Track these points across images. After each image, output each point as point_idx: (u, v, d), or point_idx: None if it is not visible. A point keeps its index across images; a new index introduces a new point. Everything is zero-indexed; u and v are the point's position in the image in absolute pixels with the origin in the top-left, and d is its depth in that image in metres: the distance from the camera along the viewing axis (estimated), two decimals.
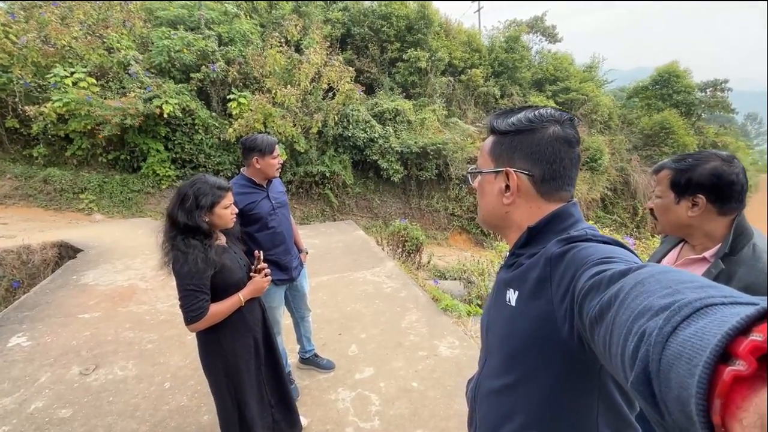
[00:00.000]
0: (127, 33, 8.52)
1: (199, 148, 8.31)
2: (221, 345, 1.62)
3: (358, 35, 11.99)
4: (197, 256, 1.47)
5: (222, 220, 1.60)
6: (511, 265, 0.79)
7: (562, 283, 0.62)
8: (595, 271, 0.55)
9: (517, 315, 0.71)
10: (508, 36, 15.21)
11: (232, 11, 9.47)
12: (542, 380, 0.68)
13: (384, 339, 2.91)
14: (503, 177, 0.77)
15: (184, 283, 1.47)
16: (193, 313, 1.48)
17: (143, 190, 8.06)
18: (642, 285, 0.43)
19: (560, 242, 0.68)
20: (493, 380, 0.78)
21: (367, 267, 4.27)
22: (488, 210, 0.82)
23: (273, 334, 1.89)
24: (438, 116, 11.50)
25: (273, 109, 8.24)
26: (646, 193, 15.01)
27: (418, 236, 6.18)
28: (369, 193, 10.51)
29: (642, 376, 0.35)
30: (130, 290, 3.80)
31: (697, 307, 0.33)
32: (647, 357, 0.34)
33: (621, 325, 0.41)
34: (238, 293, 1.63)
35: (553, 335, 0.64)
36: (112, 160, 8.10)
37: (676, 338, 0.32)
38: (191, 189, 1.53)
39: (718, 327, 0.29)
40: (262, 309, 1.83)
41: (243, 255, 1.76)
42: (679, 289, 0.38)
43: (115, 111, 7.18)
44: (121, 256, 4.76)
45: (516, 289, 0.73)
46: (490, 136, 0.82)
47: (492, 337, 0.80)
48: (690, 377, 0.29)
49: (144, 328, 3.11)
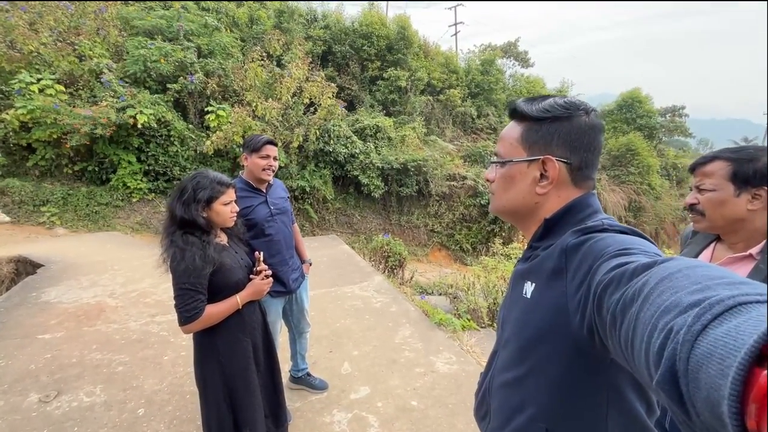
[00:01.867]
0: (100, 41, 8.23)
1: (174, 161, 8.01)
2: (217, 349, 1.51)
3: (339, 53, 12.12)
4: (195, 253, 1.40)
5: (220, 217, 1.52)
6: (528, 257, 0.78)
7: (577, 275, 0.61)
8: (615, 263, 0.53)
9: (533, 306, 0.70)
10: (484, 59, 15.82)
11: (212, 24, 9.36)
12: (551, 373, 0.67)
13: (377, 356, 2.78)
14: (538, 165, 0.74)
15: (180, 282, 1.39)
16: (187, 314, 1.39)
17: (112, 203, 7.64)
18: (669, 280, 0.41)
19: (576, 233, 0.67)
20: (505, 373, 0.77)
21: (354, 281, 4.13)
22: (517, 201, 0.77)
23: (273, 341, 1.77)
24: (418, 134, 11.66)
25: (253, 122, 8.10)
26: (615, 211, 15.66)
27: (401, 251, 6.11)
28: (349, 208, 10.41)
29: (668, 375, 0.33)
30: (98, 308, 3.49)
31: (730, 305, 0.31)
32: (674, 355, 0.33)
33: (646, 321, 0.39)
34: (236, 295, 1.53)
35: (565, 327, 0.63)
36: (78, 172, 7.66)
37: (706, 337, 0.31)
38: (191, 182, 1.48)
39: (753, 327, 0.28)
40: (263, 313, 1.73)
41: (245, 255, 1.66)
42: (709, 285, 0.36)
43: (84, 120, 6.84)
44: (87, 271, 4.41)
45: (533, 281, 0.72)
46: (514, 124, 0.79)
47: (507, 331, 0.79)
48: (722, 378, 0.28)
49: (113, 349, 2.83)
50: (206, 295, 1.44)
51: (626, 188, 16.31)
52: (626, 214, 16.19)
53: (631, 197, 16.26)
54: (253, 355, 1.59)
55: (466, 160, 12.20)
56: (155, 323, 3.22)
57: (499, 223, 10.44)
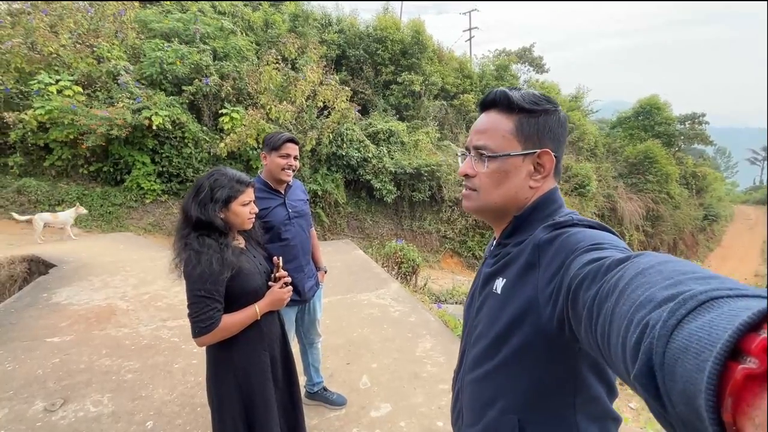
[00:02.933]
0: (118, 43, 8.31)
1: (188, 162, 8.01)
2: (234, 363, 1.38)
3: (353, 57, 12.10)
4: (212, 256, 1.27)
5: (239, 219, 1.39)
6: (497, 255, 0.78)
7: (549, 269, 0.62)
8: (589, 258, 0.54)
9: (503, 300, 0.71)
10: (498, 65, 15.69)
11: (228, 27, 9.40)
12: (522, 365, 0.68)
13: (398, 369, 2.62)
14: (532, 159, 0.74)
15: (195, 288, 1.26)
16: (202, 324, 1.26)
17: (126, 203, 7.64)
18: (642, 275, 0.41)
19: (548, 228, 0.67)
20: (476, 369, 0.77)
21: (370, 289, 3.98)
22: (510, 196, 0.75)
23: (291, 353, 1.63)
24: (431, 138, 11.54)
25: (266, 124, 8.06)
26: (632, 220, 15.28)
27: (415, 258, 5.96)
28: (361, 213, 10.30)
29: (645, 368, 0.34)
30: (109, 310, 3.41)
31: (703, 300, 0.32)
32: (651, 349, 0.33)
33: (621, 316, 0.40)
34: (255, 305, 1.39)
35: (536, 319, 0.64)
36: (93, 172, 7.69)
37: (681, 331, 0.31)
38: (208, 180, 1.36)
39: (727, 321, 0.28)
40: (281, 324, 1.59)
41: (264, 261, 1.54)
42: (681, 280, 0.37)
43: (101, 120, 6.87)
44: (99, 272, 4.35)
45: (503, 277, 0.72)
46: (501, 115, 0.75)
47: (477, 329, 0.79)
48: (698, 372, 0.28)
49: (123, 355, 2.73)
50: (223, 304, 1.31)
51: (644, 197, 15.93)
52: (644, 224, 15.80)
53: (649, 206, 15.86)
54: (272, 370, 1.46)
55: None
56: (166, 328, 3.11)
57: None
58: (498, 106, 0.76)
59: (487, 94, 0.78)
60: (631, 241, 14.91)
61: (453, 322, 3.28)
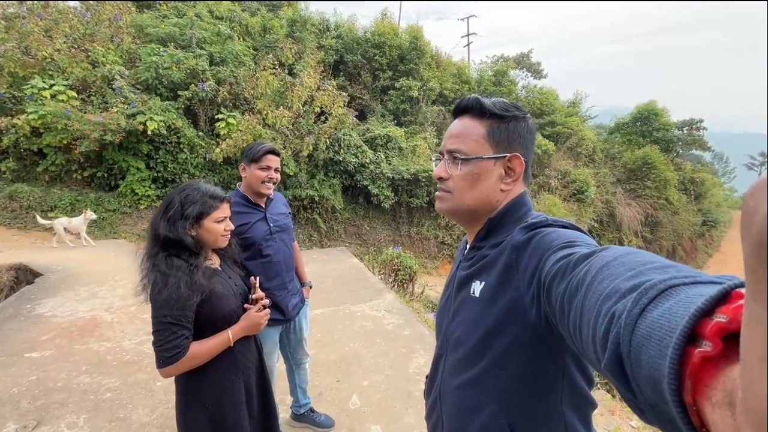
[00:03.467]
0: (114, 48, 8.26)
1: (183, 168, 7.93)
2: (204, 394, 1.27)
3: (350, 62, 12.06)
4: (180, 279, 1.17)
5: (212, 236, 1.30)
6: (472, 258, 0.79)
7: (528, 268, 0.63)
8: (561, 255, 0.56)
9: (485, 303, 0.71)
10: (496, 70, 15.67)
11: (225, 32, 9.35)
12: (511, 366, 0.68)
13: (390, 387, 2.52)
14: (503, 163, 0.77)
15: (160, 314, 1.16)
16: (167, 353, 1.16)
17: (119, 209, 7.55)
18: (607, 268, 0.43)
19: (523, 229, 0.69)
20: (458, 375, 0.76)
21: (364, 299, 3.88)
22: (482, 198, 0.77)
23: (269, 380, 1.53)
24: (429, 144, 11.47)
25: (263, 130, 8.00)
26: (630, 226, 15.20)
27: (412, 265, 5.86)
28: (358, 219, 10.21)
29: (614, 357, 0.35)
30: (93, 323, 3.30)
31: (662, 288, 0.34)
32: (618, 339, 0.35)
33: (590, 308, 0.42)
34: (227, 330, 1.29)
35: (522, 320, 0.64)
36: (87, 177, 7.60)
37: (644, 320, 0.33)
38: (179, 195, 1.26)
39: (684, 308, 0.30)
40: (259, 349, 1.49)
41: (240, 281, 1.43)
42: (642, 270, 0.39)
43: (94, 126, 6.79)
44: (86, 282, 4.25)
45: (481, 280, 0.73)
46: (474, 121, 0.78)
47: (455, 334, 0.78)
48: (661, 358, 0.29)
49: (104, 371, 2.62)
50: (192, 330, 1.21)
51: (642, 202, 15.85)
52: (642, 229, 15.71)
53: (648, 212, 15.78)
54: (246, 399, 1.36)
55: None
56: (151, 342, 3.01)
57: None
58: (470, 112, 0.79)
59: (460, 101, 0.80)
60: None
61: None
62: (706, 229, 19.14)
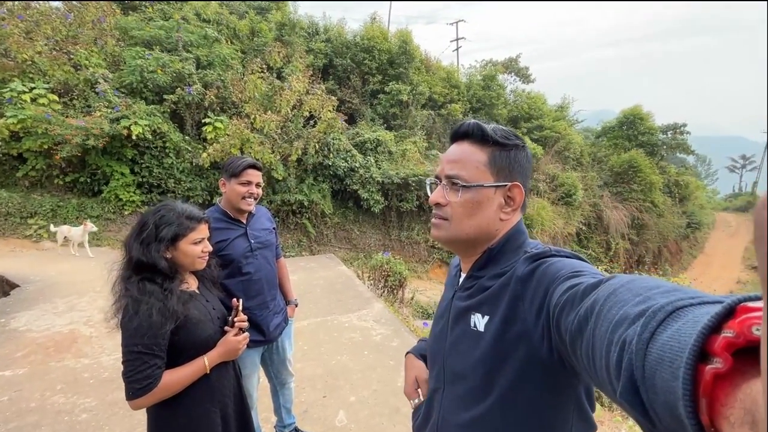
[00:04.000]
0: (97, 51, 8.09)
1: (169, 173, 7.79)
2: (178, 424, 1.20)
3: (340, 66, 12.03)
4: (152, 305, 1.11)
5: (188, 258, 1.24)
6: (470, 288, 0.76)
7: (535, 301, 0.62)
8: (568, 285, 0.55)
9: (490, 339, 0.68)
10: (485, 75, 15.78)
11: (212, 35, 9.24)
12: (521, 402, 0.66)
13: (378, 403, 2.47)
14: (503, 192, 0.75)
15: (131, 343, 1.10)
16: (137, 384, 1.09)
17: (103, 215, 7.37)
18: (615, 295, 0.43)
19: (527, 260, 0.68)
20: (461, 413, 0.73)
21: (353, 309, 3.83)
22: (481, 227, 0.75)
23: (248, 406, 1.46)
24: (419, 148, 11.48)
25: (251, 134, 7.90)
26: (617, 228, 15.42)
27: (401, 271, 5.83)
28: (348, 223, 10.15)
29: (628, 385, 0.34)
30: (70, 338, 3.19)
31: (669, 310, 0.34)
32: (631, 365, 0.34)
33: (601, 337, 0.41)
34: (203, 356, 1.23)
35: (532, 355, 0.63)
36: (69, 183, 7.42)
37: (655, 343, 0.32)
38: (153, 217, 1.21)
39: (692, 327, 0.30)
40: (237, 375, 1.42)
41: (219, 304, 1.38)
42: (649, 295, 0.39)
43: (76, 130, 6.63)
44: (65, 293, 4.12)
45: (484, 314, 0.71)
46: (475, 147, 0.76)
47: (455, 367, 0.75)
48: (674, 380, 0.29)
49: (80, 390, 2.53)
50: (164, 359, 1.15)
51: (629, 205, 16.09)
52: (629, 232, 15.94)
53: (634, 215, 16.02)
54: (223, 429, 1.30)
55: None
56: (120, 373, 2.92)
57: None
58: (471, 138, 0.76)
59: (459, 125, 0.78)
60: (617, 250, 15.03)
61: None
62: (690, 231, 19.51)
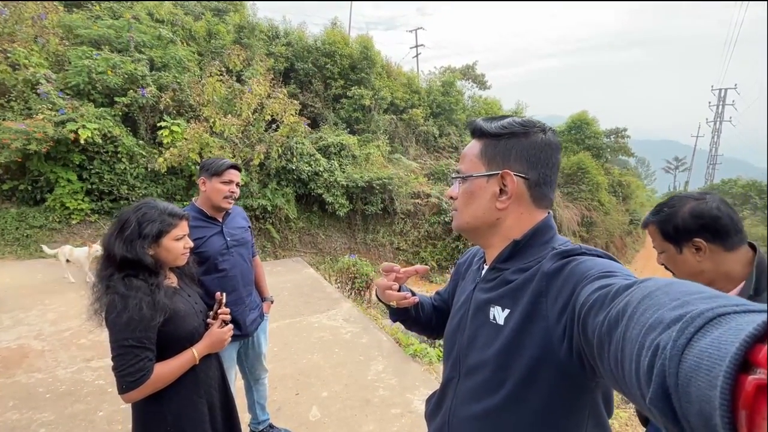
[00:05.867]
0: (38, 49, 7.56)
1: (122, 179, 7.41)
2: (166, 417, 1.23)
3: (302, 70, 11.98)
4: (141, 299, 1.14)
5: (171, 255, 1.28)
6: (492, 280, 0.76)
7: (559, 298, 0.61)
8: (598, 285, 0.53)
9: (509, 333, 0.68)
10: (444, 81, 16.29)
11: (167, 36, 8.91)
12: (533, 400, 0.65)
13: (349, 396, 2.55)
14: (498, 180, 0.74)
15: (121, 338, 1.12)
16: (130, 378, 1.12)
17: (47, 225, 6.88)
18: (650, 298, 0.41)
19: (556, 256, 0.66)
20: (473, 404, 0.73)
21: (321, 310, 3.88)
22: (477, 216, 0.77)
23: (232, 397, 1.51)
24: (382, 152, 11.66)
25: (210, 138, 7.70)
26: (569, 227, 16.43)
27: (368, 272, 5.93)
28: (313, 227, 10.11)
29: (660, 391, 0.33)
30: (20, 353, 3.00)
31: (710, 317, 0.32)
32: (664, 371, 0.33)
33: (632, 340, 0.40)
34: (192, 348, 1.27)
35: (550, 354, 0.61)
36: (7, 191, 6.86)
37: (692, 350, 0.31)
38: (135, 214, 1.23)
39: (734, 335, 0.28)
40: (220, 366, 1.46)
41: (199, 299, 1.42)
42: (688, 300, 0.37)
43: (16, 134, 6.16)
44: (10, 307, 3.84)
45: (505, 307, 0.70)
46: (474, 141, 0.80)
47: (471, 359, 0.76)
48: (711, 389, 0.27)
49: (35, 406, 2.40)
50: (155, 352, 1.18)
51: (579, 205, 17.20)
52: (579, 229, 17.03)
53: (584, 213, 17.15)
54: (210, 419, 1.34)
55: (429, 178, 12.35)
56: (90, 369, 2.80)
57: (463, 240, 10.55)
58: (473, 134, 0.81)
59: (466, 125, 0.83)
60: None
61: (405, 340, 3.28)
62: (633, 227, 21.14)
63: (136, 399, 1.17)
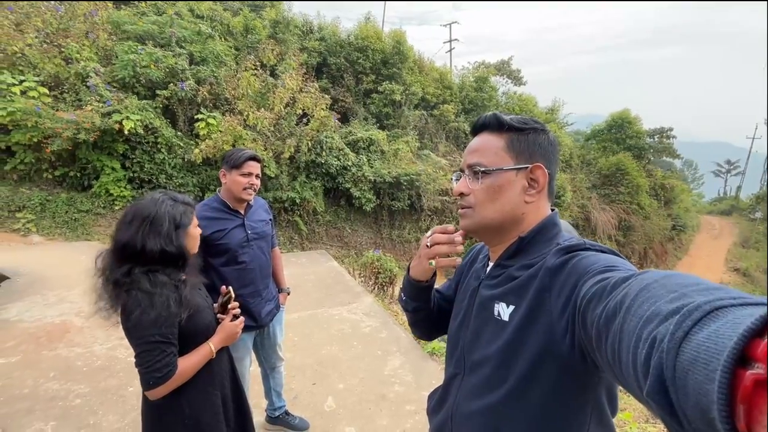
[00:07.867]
0: (89, 44, 8.03)
1: (161, 168, 7.77)
2: (183, 409, 1.23)
3: (334, 65, 12.07)
4: (168, 296, 1.13)
5: (194, 241, 1.29)
6: (497, 276, 0.76)
7: (562, 293, 0.61)
8: (598, 279, 0.54)
9: (514, 329, 0.68)
10: (477, 76, 15.94)
11: (206, 31, 9.23)
12: (535, 396, 0.65)
13: (365, 390, 2.56)
14: (526, 174, 0.74)
15: (148, 334, 1.11)
16: (158, 373, 1.12)
17: (93, 210, 7.33)
18: (647, 290, 0.41)
19: (559, 252, 0.66)
20: (475, 400, 0.74)
21: (342, 303, 3.91)
22: (505, 211, 0.75)
23: (242, 387, 1.53)
24: (411, 147, 11.59)
25: (244, 131, 7.93)
26: (605, 230, 15.73)
27: (392, 268, 5.93)
28: (340, 221, 10.22)
29: (657, 384, 0.33)
30: (62, 328, 3.22)
31: (708, 310, 0.32)
32: (661, 364, 0.33)
33: (630, 332, 0.40)
34: (208, 342, 1.28)
35: (553, 350, 0.62)
36: (59, 177, 7.36)
37: (689, 343, 0.31)
38: (160, 208, 1.20)
39: (732, 329, 0.28)
40: (230, 358, 1.49)
41: (206, 292, 1.43)
42: (685, 292, 0.37)
43: (67, 124, 6.59)
44: (55, 285, 4.13)
45: (510, 304, 0.70)
46: (493, 135, 0.78)
47: (475, 355, 0.76)
48: (709, 383, 0.28)
49: (73, 378, 2.57)
50: (177, 347, 1.18)
51: (616, 207, 16.43)
52: (616, 233, 16.28)
53: (621, 216, 16.37)
54: (223, 410, 1.36)
55: None
56: (123, 347, 2.96)
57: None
58: (489, 128, 0.78)
59: (478, 118, 0.80)
60: None
61: None
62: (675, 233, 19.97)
63: (162, 395, 1.16)
